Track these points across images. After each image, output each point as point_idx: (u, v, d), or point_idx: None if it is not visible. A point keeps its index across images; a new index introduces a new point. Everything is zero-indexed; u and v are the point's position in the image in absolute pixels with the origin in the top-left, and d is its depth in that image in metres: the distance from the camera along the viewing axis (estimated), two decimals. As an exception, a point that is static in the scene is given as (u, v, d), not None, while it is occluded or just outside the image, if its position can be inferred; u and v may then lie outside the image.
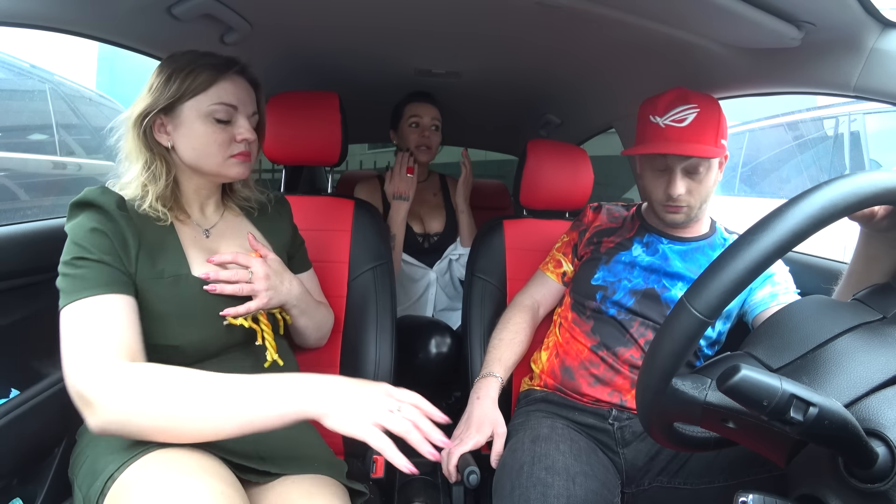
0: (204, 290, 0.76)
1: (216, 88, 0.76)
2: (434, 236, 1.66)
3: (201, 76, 0.75)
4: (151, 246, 0.74)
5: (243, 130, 0.78)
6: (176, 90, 0.74)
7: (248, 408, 0.61)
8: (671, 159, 0.93)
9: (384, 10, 1.10)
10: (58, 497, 0.85)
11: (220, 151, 0.78)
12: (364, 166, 4.74)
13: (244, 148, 0.80)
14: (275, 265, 0.85)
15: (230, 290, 0.78)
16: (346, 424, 0.61)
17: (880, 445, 0.41)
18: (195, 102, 0.75)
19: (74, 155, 3.02)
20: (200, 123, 0.76)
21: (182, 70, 0.75)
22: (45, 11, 0.77)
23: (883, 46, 0.78)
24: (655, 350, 0.49)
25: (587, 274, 1.06)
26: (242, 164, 0.81)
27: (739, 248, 0.45)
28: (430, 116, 1.60)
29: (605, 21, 0.96)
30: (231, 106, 0.77)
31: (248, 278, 0.80)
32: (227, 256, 0.80)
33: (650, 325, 0.98)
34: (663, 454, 0.88)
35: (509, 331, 1.07)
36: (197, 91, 0.75)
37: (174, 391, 0.62)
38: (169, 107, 0.75)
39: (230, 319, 0.78)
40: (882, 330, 0.50)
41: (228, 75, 0.77)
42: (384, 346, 1.09)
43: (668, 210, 0.98)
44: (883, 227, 0.60)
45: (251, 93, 0.82)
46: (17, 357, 0.86)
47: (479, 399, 0.96)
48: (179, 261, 0.76)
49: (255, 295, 0.80)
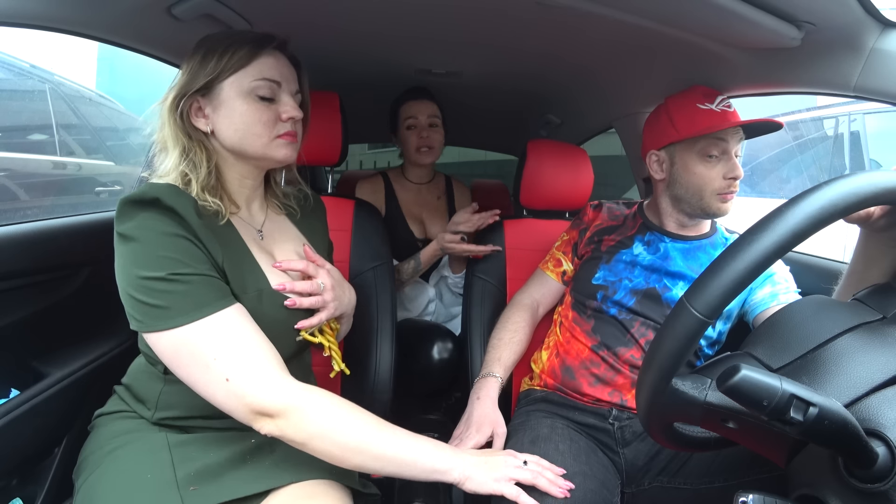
0: (284, 305, 0.72)
1: (257, 63, 0.70)
2: None
3: (240, 52, 0.69)
4: (231, 256, 0.70)
5: (289, 108, 0.72)
6: (213, 68, 0.68)
7: (411, 460, 0.67)
8: (731, 141, 0.94)
9: (384, 10, 1.10)
10: (58, 497, 0.85)
11: (266, 131, 0.71)
12: (364, 166, 4.75)
13: (290, 127, 0.73)
14: (336, 275, 0.83)
15: (308, 303, 0.74)
16: (485, 485, 0.69)
17: (880, 445, 0.41)
18: (235, 80, 0.69)
19: (74, 155, 3.02)
20: (242, 102, 0.69)
21: (218, 47, 0.69)
22: (45, 11, 0.76)
23: (883, 46, 0.78)
24: (655, 350, 0.49)
25: (588, 273, 1.06)
26: (290, 146, 0.74)
27: (739, 249, 0.46)
28: (425, 114, 1.51)
29: (605, 21, 0.96)
30: (274, 82, 0.71)
31: (320, 290, 0.77)
32: (298, 264, 0.77)
33: (651, 324, 0.98)
34: (663, 454, 0.88)
35: (508, 330, 1.07)
36: (236, 67, 0.68)
37: (365, 429, 0.66)
38: (207, 86, 0.69)
39: (303, 334, 0.75)
40: (882, 330, 0.50)
41: (268, 50, 0.71)
42: (384, 346, 1.09)
43: (726, 198, 0.96)
44: (881, 227, 0.60)
45: (293, 70, 0.75)
46: (17, 357, 0.86)
47: (479, 399, 0.96)
48: (258, 274, 0.72)
49: (324, 307, 0.77)
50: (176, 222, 0.64)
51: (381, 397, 1.06)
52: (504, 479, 0.70)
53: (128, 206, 0.63)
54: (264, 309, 0.70)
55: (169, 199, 0.64)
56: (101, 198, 3.02)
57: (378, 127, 2.23)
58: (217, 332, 0.62)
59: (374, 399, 1.05)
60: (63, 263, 0.93)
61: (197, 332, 0.62)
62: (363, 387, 1.06)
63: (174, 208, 0.64)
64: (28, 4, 0.74)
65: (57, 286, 0.93)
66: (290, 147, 0.74)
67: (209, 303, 0.63)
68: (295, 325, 0.74)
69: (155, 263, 0.62)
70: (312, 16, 1.14)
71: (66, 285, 0.94)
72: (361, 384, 1.06)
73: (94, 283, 0.96)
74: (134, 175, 1.36)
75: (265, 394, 0.62)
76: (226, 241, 0.70)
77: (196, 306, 0.62)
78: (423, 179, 1.64)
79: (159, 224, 0.63)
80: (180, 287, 0.61)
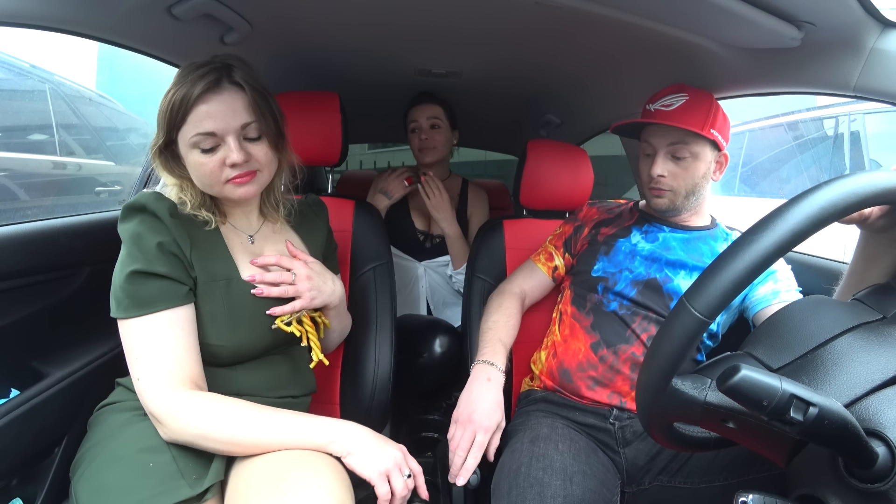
0: (252, 293, 0.79)
1: (192, 117, 0.72)
2: (437, 238, 1.65)
3: (179, 106, 0.71)
4: (202, 250, 0.77)
5: (232, 154, 0.73)
6: (168, 126, 0.73)
7: (291, 440, 0.71)
8: (656, 141, 0.98)
9: (385, 11, 1.10)
10: (58, 497, 0.85)
11: (214, 179, 0.75)
12: (364, 166, 4.75)
13: (239, 171, 0.75)
14: (316, 267, 0.87)
15: (276, 292, 0.80)
16: (365, 468, 0.71)
17: (880, 445, 0.41)
18: (182, 135, 0.73)
19: (74, 155, 3.02)
20: (191, 154, 0.74)
21: (168, 99, 0.72)
22: (45, 11, 0.76)
23: (883, 46, 0.78)
24: (655, 350, 0.49)
25: (587, 265, 1.06)
26: (242, 187, 0.76)
27: (739, 248, 0.46)
28: (426, 117, 1.58)
29: (604, 21, 0.96)
30: (208, 134, 0.72)
31: (291, 280, 0.82)
32: (271, 259, 0.82)
33: (653, 318, 0.98)
34: (664, 454, 0.88)
35: (503, 314, 1.05)
36: (179, 124, 0.73)
37: (237, 423, 0.71)
38: (168, 143, 0.75)
39: (278, 322, 0.80)
40: (882, 330, 0.50)
41: (204, 97, 0.72)
42: (384, 346, 1.09)
43: (652, 192, 1.01)
44: (879, 228, 0.60)
45: (240, 101, 0.74)
46: (17, 357, 0.86)
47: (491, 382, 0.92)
48: (229, 265, 0.79)
49: (298, 295, 0.82)
50: (153, 225, 0.73)
51: (381, 397, 1.06)
52: (384, 475, 0.71)
53: (123, 211, 0.74)
54: (233, 296, 0.78)
55: (151, 204, 0.73)
56: (101, 198, 3.02)
57: (378, 127, 2.23)
58: (145, 332, 0.71)
59: (374, 399, 1.05)
60: (63, 263, 0.93)
61: (132, 328, 0.71)
62: (363, 386, 1.06)
63: (154, 212, 0.73)
64: (28, 4, 0.74)
65: (57, 286, 0.93)
66: (244, 188, 0.77)
67: (150, 303, 0.70)
68: (266, 311, 0.79)
69: (126, 262, 0.71)
70: (312, 16, 1.14)
71: (66, 285, 0.94)
72: (361, 384, 1.06)
73: (94, 283, 0.96)
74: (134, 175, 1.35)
75: (154, 401, 0.70)
76: (201, 237, 0.78)
77: (138, 304, 0.70)
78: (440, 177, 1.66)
79: (138, 228, 0.72)
80: (133, 286, 0.71)
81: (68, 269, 0.94)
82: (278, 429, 0.72)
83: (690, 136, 0.95)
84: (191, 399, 0.70)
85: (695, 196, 1.00)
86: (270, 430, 0.71)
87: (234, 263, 0.80)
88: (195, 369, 0.73)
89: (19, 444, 0.80)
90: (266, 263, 0.82)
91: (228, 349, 0.78)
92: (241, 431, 0.70)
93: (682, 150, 0.97)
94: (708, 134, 0.95)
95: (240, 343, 0.78)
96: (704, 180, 0.99)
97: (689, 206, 1.01)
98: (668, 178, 0.98)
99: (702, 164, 0.97)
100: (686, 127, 0.94)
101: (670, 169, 0.98)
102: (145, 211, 0.73)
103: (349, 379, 1.08)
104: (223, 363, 0.79)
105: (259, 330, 0.80)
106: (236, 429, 0.71)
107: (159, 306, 0.71)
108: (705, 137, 0.95)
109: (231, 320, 0.77)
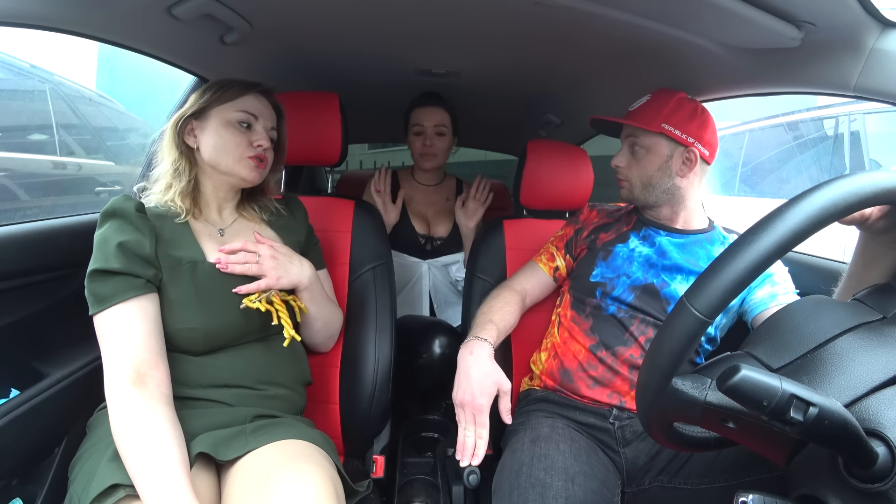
0: (217, 269, 0.83)
1: (241, 100, 0.88)
2: (437, 240, 1.64)
3: (231, 90, 0.87)
4: (168, 240, 0.82)
5: (260, 138, 0.88)
6: (207, 99, 0.86)
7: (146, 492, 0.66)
8: (622, 136, 1.07)
9: (384, 11, 1.10)
10: (58, 497, 0.85)
11: (237, 150, 0.86)
12: (364, 166, 4.75)
13: (259, 152, 0.88)
14: (282, 249, 0.90)
15: (239, 269, 0.84)
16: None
17: (880, 445, 0.41)
18: (221, 110, 0.87)
19: (74, 155, 3.02)
20: (223, 128, 0.86)
21: (216, 85, 0.88)
22: (45, 11, 0.76)
23: (883, 46, 0.78)
24: (655, 350, 0.49)
25: (585, 270, 1.06)
26: (256, 169, 0.88)
27: (739, 248, 0.45)
28: (433, 122, 1.55)
29: (604, 21, 0.96)
30: (252, 115, 0.88)
31: (255, 260, 0.86)
32: (237, 244, 0.86)
33: (650, 321, 0.98)
34: (664, 454, 0.88)
35: (500, 301, 1.06)
36: (224, 100, 0.87)
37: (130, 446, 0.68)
38: (200, 112, 0.86)
39: (245, 301, 0.83)
40: (882, 330, 0.50)
41: (253, 93, 0.89)
42: (384, 346, 1.09)
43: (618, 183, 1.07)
44: (879, 229, 0.60)
45: (272, 113, 0.93)
46: (17, 357, 0.86)
47: (474, 355, 0.91)
48: (195, 250, 0.84)
49: (263, 274, 0.85)
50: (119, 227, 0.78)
51: (381, 397, 1.06)
52: None
53: (99, 218, 0.80)
54: (199, 278, 0.82)
55: (119, 206, 0.79)
56: (101, 198, 3.03)
57: (378, 127, 2.23)
58: (105, 326, 0.74)
59: (373, 399, 1.05)
60: (63, 263, 0.93)
61: (97, 324, 0.75)
62: (363, 387, 1.06)
63: (122, 213, 0.79)
64: (28, 4, 0.74)
65: (57, 286, 0.93)
66: (257, 171, 0.88)
67: (107, 299, 0.74)
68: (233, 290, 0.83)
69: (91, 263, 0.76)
70: (312, 15, 1.14)
71: (66, 285, 0.94)
72: (361, 384, 1.06)
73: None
74: (134, 175, 1.36)
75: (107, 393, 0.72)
76: (168, 229, 0.83)
77: (99, 301, 0.74)
78: (431, 182, 1.68)
79: (106, 232, 0.77)
80: (93, 284, 0.75)
81: (68, 269, 0.94)
82: (145, 479, 0.67)
83: (640, 130, 1.00)
84: (123, 398, 0.71)
85: (652, 189, 1.01)
86: (141, 475, 0.67)
87: (201, 248, 0.85)
88: (143, 355, 0.73)
89: (19, 444, 0.80)
90: (232, 249, 0.86)
91: (201, 332, 0.80)
92: (127, 457, 0.68)
93: (635, 144, 1.02)
94: (657, 128, 0.97)
95: (210, 325, 0.81)
96: (662, 174, 0.99)
97: (649, 200, 1.03)
98: (623, 169, 1.04)
99: (656, 158, 0.99)
100: (633, 124, 1.00)
101: (627, 160, 1.03)
102: (115, 215, 0.78)
103: (349, 379, 1.08)
104: (200, 350, 0.81)
105: (228, 310, 0.83)
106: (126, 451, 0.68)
107: (115, 300, 0.74)
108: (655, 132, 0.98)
109: (200, 301, 0.81)
